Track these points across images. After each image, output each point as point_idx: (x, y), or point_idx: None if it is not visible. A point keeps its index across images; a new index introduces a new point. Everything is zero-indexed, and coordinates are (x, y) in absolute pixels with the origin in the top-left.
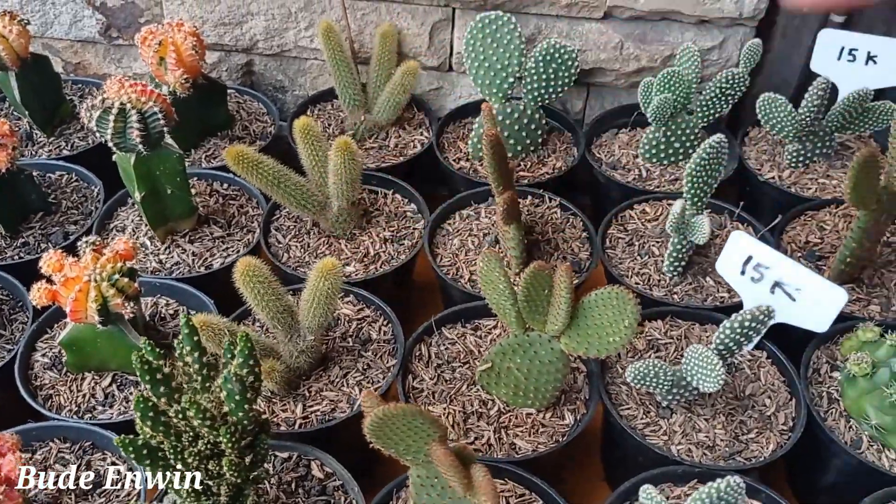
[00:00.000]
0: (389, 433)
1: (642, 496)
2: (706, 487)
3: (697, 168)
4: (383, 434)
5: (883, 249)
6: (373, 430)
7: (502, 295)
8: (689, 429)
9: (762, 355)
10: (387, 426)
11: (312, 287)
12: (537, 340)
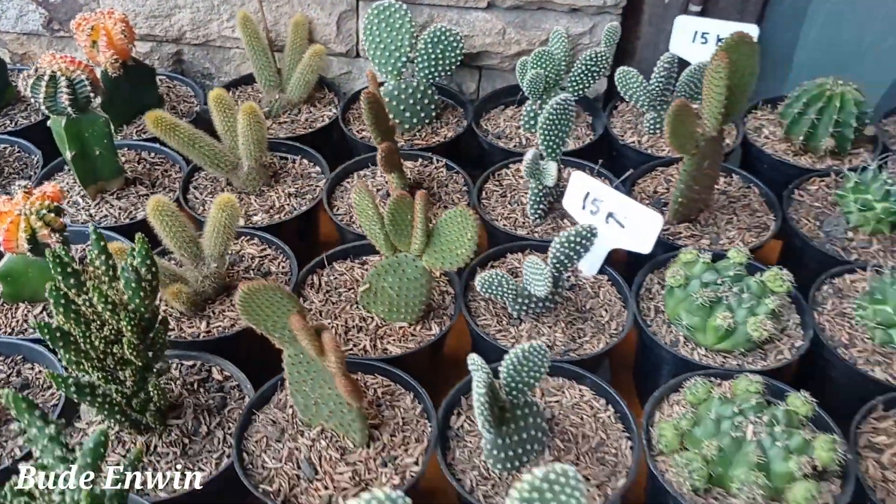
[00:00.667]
0: (256, 308)
1: (469, 363)
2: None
3: (546, 121)
4: (252, 310)
5: (719, 197)
6: (242, 304)
7: (372, 221)
8: (534, 333)
9: (604, 279)
10: (253, 301)
11: (213, 219)
12: (404, 260)
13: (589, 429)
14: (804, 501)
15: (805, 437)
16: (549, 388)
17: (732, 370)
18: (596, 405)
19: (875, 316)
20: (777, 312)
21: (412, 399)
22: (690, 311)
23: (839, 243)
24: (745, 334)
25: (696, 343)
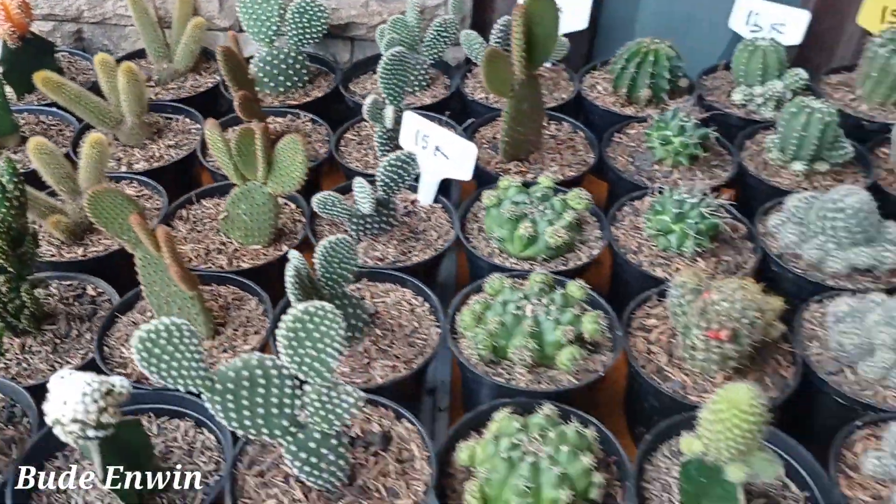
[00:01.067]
0: (103, 210)
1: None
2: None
3: (383, 70)
4: (100, 212)
5: (549, 140)
6: (90, 206)
7: (222, 153)
8: (370, 250)
9: (438, 207)
10: (100, 203)
11: (85, 156)
12: (253, 188)
13: (405, 320)
14: (567, 362)
15: (575, 313)
16: (378, 292)
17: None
18: (415, 302)
19: (656, 225)
20: (574, 224)
21: (257, 303)
22: (500, 225)
23: (646, 174)
24: (544, 242)
25: (507, 253)
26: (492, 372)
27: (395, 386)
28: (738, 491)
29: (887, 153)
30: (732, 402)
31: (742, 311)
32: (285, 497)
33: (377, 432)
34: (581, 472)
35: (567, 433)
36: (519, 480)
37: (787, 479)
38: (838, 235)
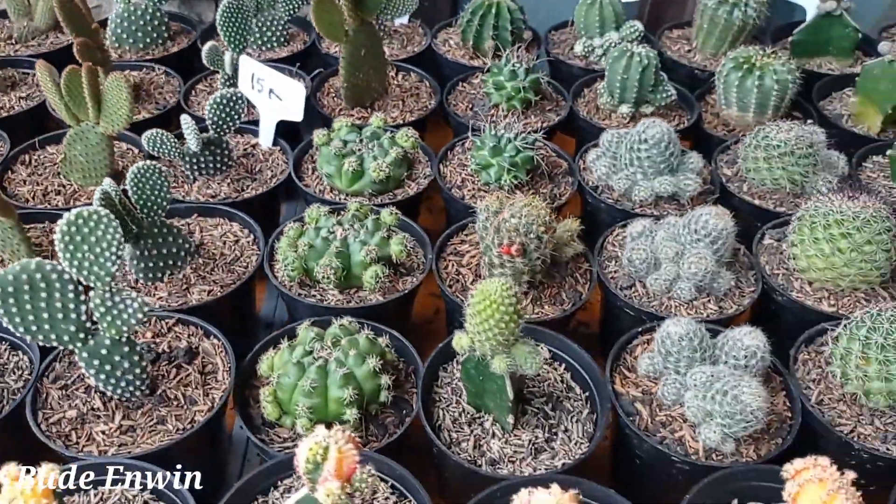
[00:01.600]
0: None
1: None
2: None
3: (221, 18)
4: None
5: (395, 89)
6: None
7: (53, 94)
8: (204, 188)
9: (277, 149)
10: None
11: None
12: (87, 129)
13: (228, 250)
14: (371, 279)
15: (383, 236)
16: (207, 226)
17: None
18: (240, 235)
19: (476, 160)
20: (400, 161)
21: None
22: (329, 162)
23: (482, 118)
24: (370, 177)
25: (337, 189)
26: (305, 294)
27: (209, 307)
28: (507, 383)
29: (715, 99)
30: (486, 294)
31: (527, 226)
32: (85, 406)
33: (182, 347)
34: (367, 373)
35: (359, 340)
36: (306, 382)
37: (572, 383)
38: (643, 166)
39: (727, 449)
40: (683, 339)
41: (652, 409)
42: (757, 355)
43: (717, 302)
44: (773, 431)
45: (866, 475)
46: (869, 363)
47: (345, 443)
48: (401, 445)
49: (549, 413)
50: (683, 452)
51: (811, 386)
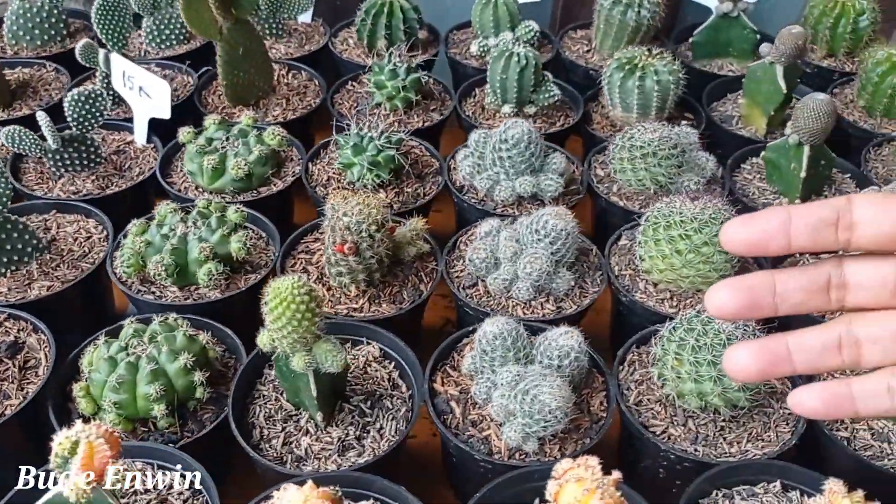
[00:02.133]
0: None
1: None
2: None
3: (97, 15)
4: None
5: (282, 87)
6: None
7: None
8: (68, 184)
9: (150, 146)
10: None
11: None
12: None
13: (78, 246)
14: (205, 276)
15: (223, 233)
16: (64, 222)
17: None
18: (93, 231)
19: (340, 159)
20: (265, 159)
21: None
22: (192, 159)
23: (364, 117)
24: (230, 175)
25: (200, 186)
26: (144, 290)
27: (48, 302)
28: (310, 380)
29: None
30: (278, 293)
31: (358, 225)
32: None
33: (8, 341)
34: (179, 369)
35: (176, 337)
36: (114, 377)
37: (399, 381)
38: (505, 166)
39: (530, 448)
40: (497, 338)
41: (466, 407)
42: (570, 355)
43: (556, 302)
44: (583, 431)
45: (675, 475)
46: (682, 364)
47: (97, 437)
48: (216, 441)
49: (366, 411)
50: (487, 451)
51: (632, 387)
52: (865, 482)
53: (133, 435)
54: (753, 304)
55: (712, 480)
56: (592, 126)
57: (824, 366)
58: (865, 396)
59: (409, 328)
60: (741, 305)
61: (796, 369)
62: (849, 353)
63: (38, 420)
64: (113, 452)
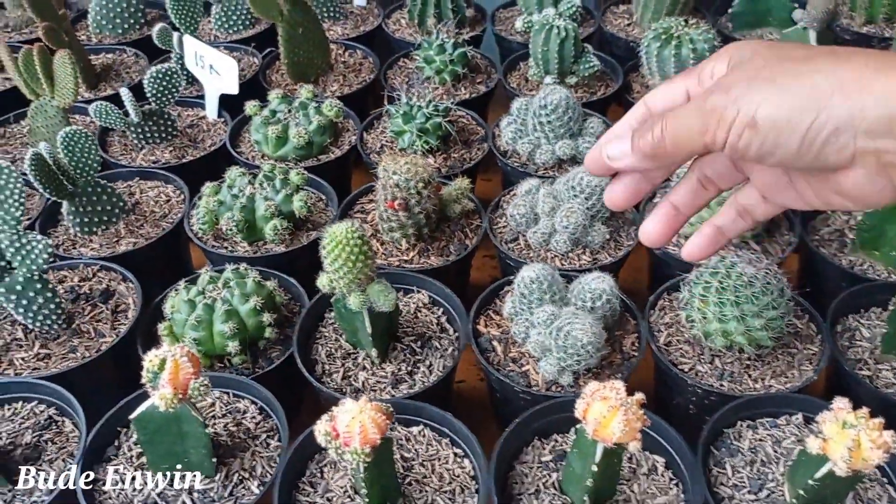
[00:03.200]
0: None
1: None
2: (59, 134)
3: (171, 2)
4: None
5: (339, 65)
6: None
7: (14, 72)
8: (149, 154)
9: (220, 121)
10: None
11: None
12: (44, 102)
13: (159, 208)
14: (270, 231)
15: (287, 193)
16: (146, 188)
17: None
18: (173, 195)
19: (392, 127)
20: (324, 128)
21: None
22: (258, 129)
23: (416, 91)
24: (292, 143)
25: (266, 155)
26: (218, 245)
27: (134, 256)
28: (365, 318)
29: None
30: (334, 236)
31: (407, 182)
32: (10, 337)
33: (101, 289)
34: (250, 311)
35: (246, 283)
36: (192, 317)
37: (447, 325)
38: (545, 130)
39: (565, 381)
40: (534, 282)
41: (507, 346)
42: (602, 297)
43: (592, 254)
44: (615, 367)
45: (704, 410)
46: (707, 305)
47: (181, 356)
48: (283, 375)
49: (417, 350)
50: (526, 384)
51: (662, 329)
52: (890, 420)
53: (211, 370)
54: (672, 229)
55: (736, 411)
56: (632, 95)
57: (701, 202)
58: (726, 224)
59: (456, 279)
60: (663, 232)
61: (687, 215)
62: (710, 186)
63: (127, 356)
64: (195, 370)
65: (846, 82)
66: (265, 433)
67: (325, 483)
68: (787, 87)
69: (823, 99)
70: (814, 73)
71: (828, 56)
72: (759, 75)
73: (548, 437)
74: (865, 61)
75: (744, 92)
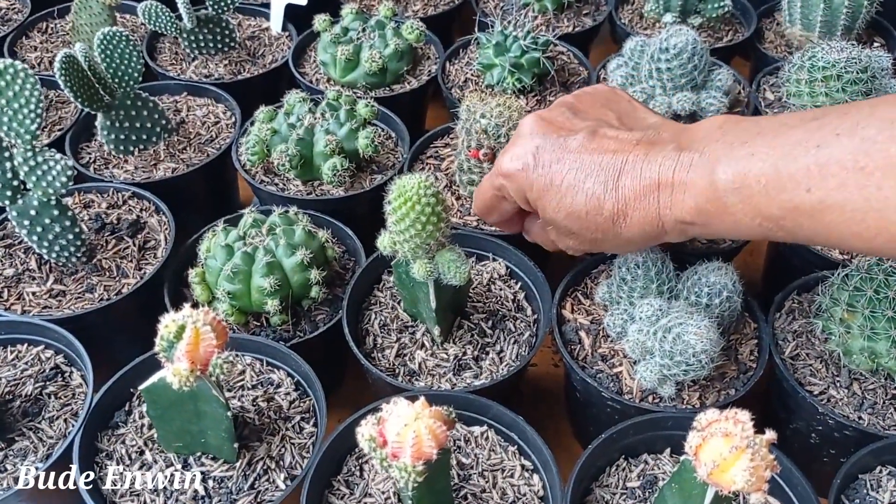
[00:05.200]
0: None
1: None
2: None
3: None
4: None
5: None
6: None
7: None
8: (201, 67)
9: (285, 34)
10: None
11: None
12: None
13: (205, 130)
14: (329, 171)
15: (352, 127)
16: (194, 106)
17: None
18: (222, 117)
19: (481, 59)
20: (401, 54)
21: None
22: (325, 49)
23: (509, 17)
24: (363, 68)
25: (332, 79)
26: (267, 181)
27: (171, 184)
28: (430, 290)
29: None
30: (403, 191)
31: (497, 129)
32: (22, 266)
33: (129, 220)
34: (295, 265)
35: (295, 231)
36: (229, 266)
37: (525, 303)
38: (663, 79)
39: (665, 392)
40: (640, 267)
41: (596, 339)
42: (722, 294)
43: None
44: (727, 381)
45: (830, 442)
46: (854, 318)
47: (204, 324)
48: (328, 345)
49: (487, 330)
50: (616, 389)
51: (789, 338)
52: None
53: (245, 328)
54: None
55: (878, 454)
56: (764, 45)
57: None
58: None
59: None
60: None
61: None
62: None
63: (153, 302)
64: (219, 342)
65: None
66: (299, 415)
67: (363, 484)
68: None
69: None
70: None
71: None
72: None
73: (636, 456)
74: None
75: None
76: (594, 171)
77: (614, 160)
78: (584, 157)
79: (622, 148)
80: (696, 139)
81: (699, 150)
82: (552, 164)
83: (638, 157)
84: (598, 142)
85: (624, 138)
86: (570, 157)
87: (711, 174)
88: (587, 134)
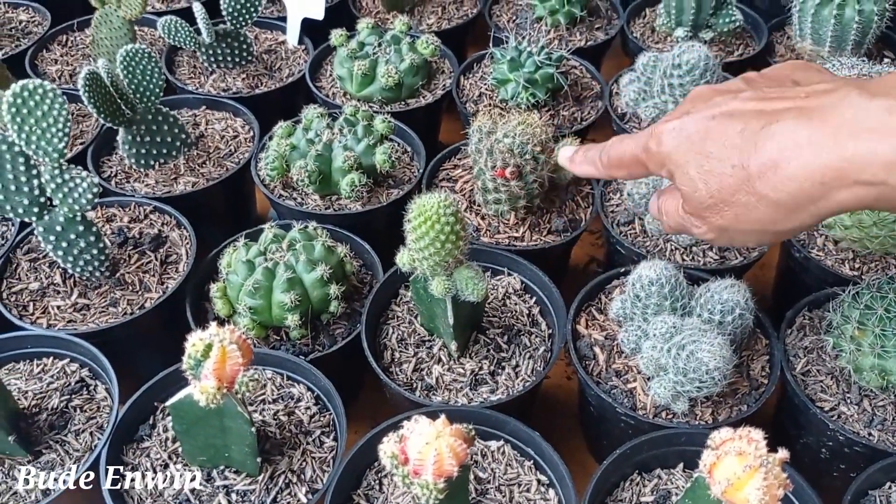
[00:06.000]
0: None
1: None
2: (118, 52)
3: None
4: None
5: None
6: None
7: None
8: (219, 80)
9: (301, 48)
10: None
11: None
12: (109, 12)
13: (224, 144)
14: (347, 186)
15: (370, 143)
16: (213, 119)
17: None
18: (241, 131)
19: (495, 74)
20: (416, 68)
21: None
22: (342, 63)
23: (523, 31)
24: (379, 83)
25: (349, 93)
26: (286, 196)
27: (192, 198)
28: (448, 306)
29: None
30: (422, 210)
31: (522, 147)
32: (47, 280)
33: (151, 234)
34: (315, 281)
35: (314, 246)
36: (250, 281)
37: (539, 318)
38: (675, 94)
39: (679, 408)
40: (654, 284)
41: (610, 355)
42: (735, 311)
43: (719, 251)
44: (739, 397)
45: (840, 458)
46: (865, 335)
47: (230, 342)
48: (344, 355)
49: (502, 345)
50: (630, 405)
51: (799, 354)
52: None
53: (265, 342)
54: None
55: (888, 471)
56: (775, 59)
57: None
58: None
59: (557, 261)
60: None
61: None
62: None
63: (175, 316)
64: (245, 360)
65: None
66: (320, 429)
67: (382, 498)
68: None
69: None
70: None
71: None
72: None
73: (650, 471)
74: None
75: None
76: (740, 122)
77: (770, 108)
78: (732, 117)
79: (779, 103)
80: (890, 85)
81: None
82: (705, 141)
83: (801, 107)
84: (755, 104)
85: (788, 95)
86: (719, 119)
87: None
88: (747, 96)
